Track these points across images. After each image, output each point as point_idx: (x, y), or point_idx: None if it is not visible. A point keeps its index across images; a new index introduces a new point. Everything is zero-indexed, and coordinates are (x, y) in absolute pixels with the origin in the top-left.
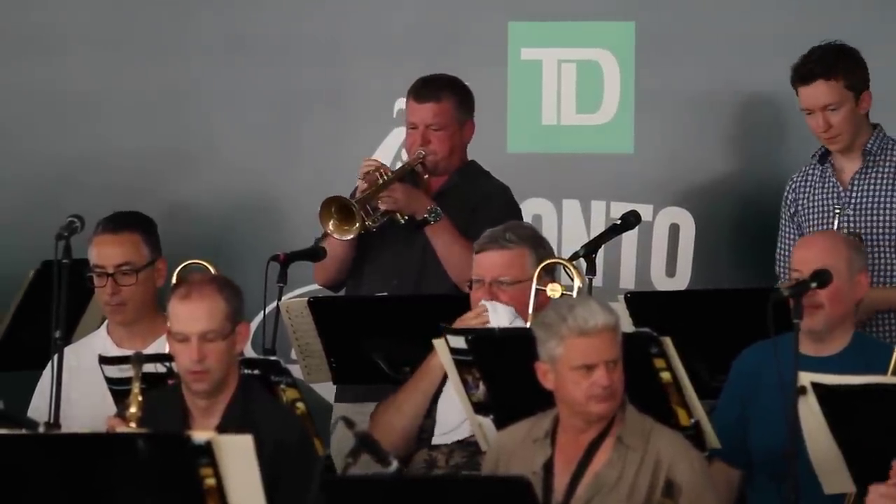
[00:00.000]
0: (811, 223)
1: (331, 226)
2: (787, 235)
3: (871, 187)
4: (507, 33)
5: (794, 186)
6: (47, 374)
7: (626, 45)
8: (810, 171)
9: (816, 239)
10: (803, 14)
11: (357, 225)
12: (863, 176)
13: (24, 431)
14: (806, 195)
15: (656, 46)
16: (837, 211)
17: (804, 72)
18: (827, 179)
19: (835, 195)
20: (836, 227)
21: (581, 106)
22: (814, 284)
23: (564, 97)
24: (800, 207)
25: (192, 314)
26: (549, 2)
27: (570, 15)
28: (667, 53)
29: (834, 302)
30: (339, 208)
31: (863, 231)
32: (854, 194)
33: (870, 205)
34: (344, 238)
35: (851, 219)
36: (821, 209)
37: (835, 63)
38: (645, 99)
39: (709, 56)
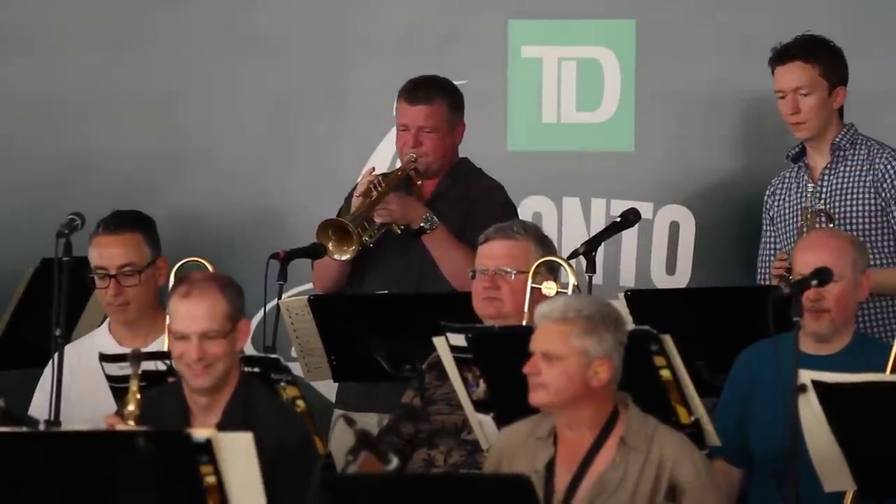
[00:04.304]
0: (786, 224)
1: (330, 247)
2: (768, 241)
3: (840, 180)
4: (507, 31)
5: (772, 191)
6: (48, 373)
7: (626, 43)
8: (787, 175)
9: (822, 241)
10: (805, 12)
11: (354, 246)
12: (832, 170)
13: (24, 429)
14: (782, 198)
15: (657, 44)
16: (807, 206)
17: (782, 52)
18: (801, 179)
19: (808, 194)
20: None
21: (581, 104)
22: (814, 282)
23: (565, 95)
24: (776, 211)
25: (192, 313)
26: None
27: (571, 13)
28: (667, 51)
29: (840, 305)
30: (335, 230)
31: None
32: (824, 188)
33: (839, 197)
34: (343, 258)
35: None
36: (795, 210)
37: (815, 49)
38: (645, 97)
39: (709, 54)
